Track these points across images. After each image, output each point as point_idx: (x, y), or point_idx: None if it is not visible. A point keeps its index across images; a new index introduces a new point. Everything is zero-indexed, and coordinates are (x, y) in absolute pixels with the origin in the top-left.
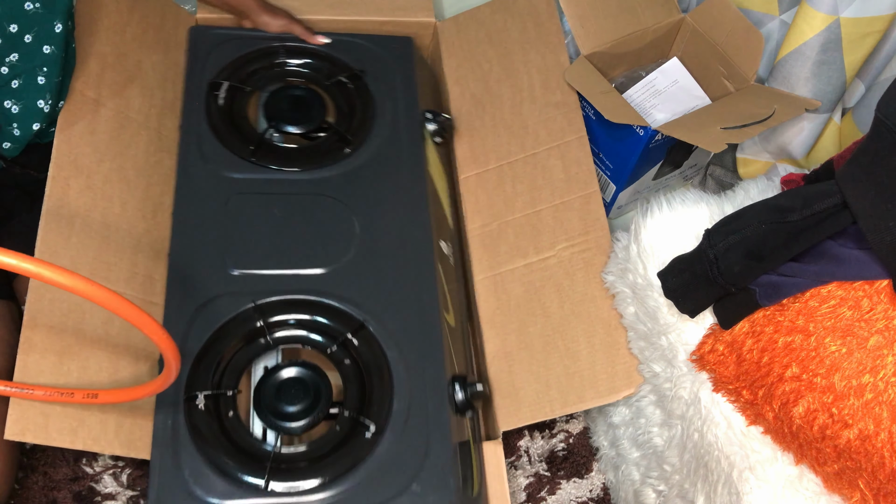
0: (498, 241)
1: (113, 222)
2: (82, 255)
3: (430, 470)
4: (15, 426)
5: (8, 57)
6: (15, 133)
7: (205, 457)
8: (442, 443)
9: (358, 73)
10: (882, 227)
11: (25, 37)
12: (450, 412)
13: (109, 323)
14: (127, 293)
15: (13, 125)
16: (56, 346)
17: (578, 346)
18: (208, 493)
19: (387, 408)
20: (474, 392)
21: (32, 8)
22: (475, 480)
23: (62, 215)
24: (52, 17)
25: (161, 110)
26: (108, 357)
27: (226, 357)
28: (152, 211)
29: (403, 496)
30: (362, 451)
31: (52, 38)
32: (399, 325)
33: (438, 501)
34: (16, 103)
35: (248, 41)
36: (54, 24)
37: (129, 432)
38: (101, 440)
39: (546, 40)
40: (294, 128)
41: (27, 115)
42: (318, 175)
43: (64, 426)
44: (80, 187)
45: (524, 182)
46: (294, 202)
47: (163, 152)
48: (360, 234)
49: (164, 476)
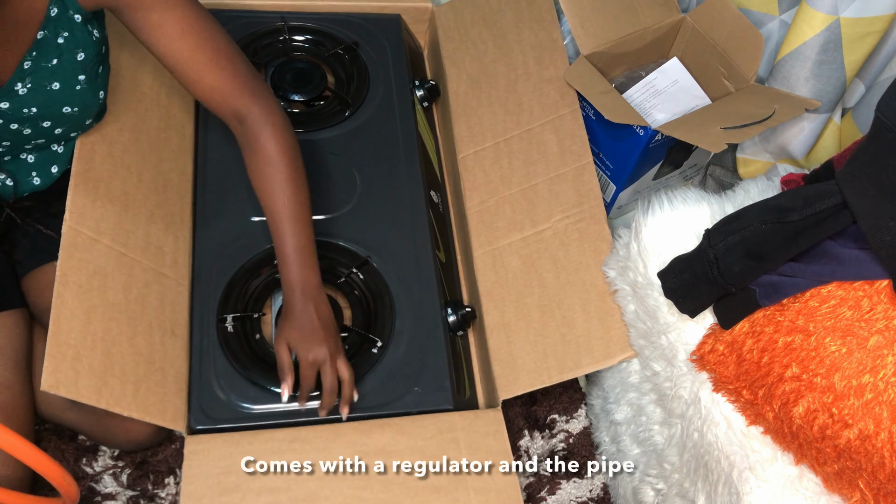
0: (496, 217)
1: (131, 191)
2: (105, 220)
3: (429, 375)
4: (50, 378)
5: (35, 141)
6: (35, 183)
7: (236, 368)
8: (438, 354)
9: (352, 45)
10: (882, 227)
11: (56, 130)
12: (444, 330)
13: (128, 289)
14: (142, 262)
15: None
16: (84, 305)
17: (574, 314)
18: (240, 399)
19: (390, 327)
20: (464, 314)
21: (69, 112)
22: (466, 385)
23: (89, 178)
24: (85, 117)
25: (170, 90)
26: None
27: (250, 288)
28: (163, 185)
29: (408, 396)
30: (371, 362)
31: (81, 129)
32: (398, 260)
33: (437, 399)
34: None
35: (254, 21)
36: (86, 121)
37: (144, 397)
38: (122, 401)
39: (539, 17)
40: (298, 96)
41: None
42: (321, 136)
43: (91, 384)
44: (104, 154)
45: (520, 158)
46: None
47: (171, 130)
48: (361, 185)
49: (202, 385)
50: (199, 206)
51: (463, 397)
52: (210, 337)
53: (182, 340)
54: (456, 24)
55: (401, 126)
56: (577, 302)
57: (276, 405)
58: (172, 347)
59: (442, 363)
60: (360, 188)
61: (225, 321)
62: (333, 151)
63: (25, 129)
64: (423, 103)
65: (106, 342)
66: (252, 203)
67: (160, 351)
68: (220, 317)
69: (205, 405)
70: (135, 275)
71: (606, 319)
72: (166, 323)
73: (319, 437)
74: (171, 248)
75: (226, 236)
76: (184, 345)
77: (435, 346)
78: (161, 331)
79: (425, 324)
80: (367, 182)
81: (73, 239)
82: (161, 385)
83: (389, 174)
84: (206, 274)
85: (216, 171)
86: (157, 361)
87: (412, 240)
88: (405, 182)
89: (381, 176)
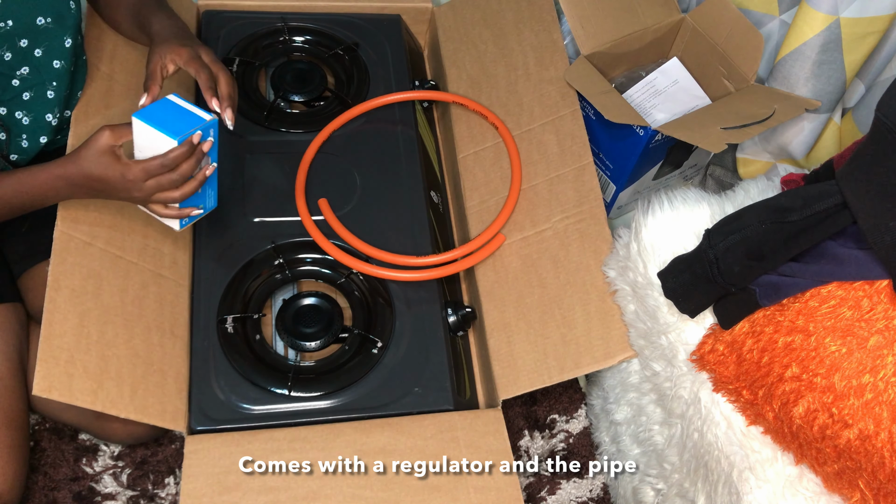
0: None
1: None
2: (100, 223)
3: (429, 376)
4: (42, 382)
5: (19, 70)
6: (23, 145)
7: (235, 369)
8: (438, 355)
9: (352, 45)
10: (882, 227)
11: (36, 51)
12: (444, 331)
13: (125, 292)
14: (139, 264)
15: (22, 136)
16: (77, 308)
17: (574, 314)
18: (240, 400)
19: (390, 328)
20: (464, 314)
21: (43, 23)
22: (466, 386)
23: None
24: (62, 32)
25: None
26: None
27: (250, 289)
28: None
29: (408, 397)
30: (371, 362)
31: (61, 52)
32: None
33: (437, 399)
34: (26, 115)
35: (255, 22)
36: (64, 39)
37: (142, 398)
38: (118, 403)
39: (539, 17)
40: (299, 96)
41: (36, 127)
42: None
43: (86, 387)
44: None
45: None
46: None
47: None
48: (361, 185)
49: (202, 386)
50: None
51: (463, 398)
52: (210, 338)
53: (182, 341)
54: (456, 24)
55: (401, 126)
56: (577, 302)
57: (276, 405)
58: (172, 348)
59: (442, 364)
60: (360, 188)
61: (225, 322)
62: (333, 151)
63: (5, 52)
64: (423, 103)
65: (101, 345)
66: (252, 203)
67: (159, 352)
68: (220, 317)
69: (205, 406)
70: (131, 277)
71: (606, 319)
72: (165, 324)
73: (319, 437)
74: (171, 248)
75: (226, 236)
76: (184, 345)
77: (435, 347)
78: (160, 332)
79: (425, 324)
80: (367, 182)
81: (66, 243)
82: (160, 386)
83: (389, 174)
84: (205, 274)
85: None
86: (155, 363)
87: (412, 240)
88: (405, 182)
89: (381, 176)
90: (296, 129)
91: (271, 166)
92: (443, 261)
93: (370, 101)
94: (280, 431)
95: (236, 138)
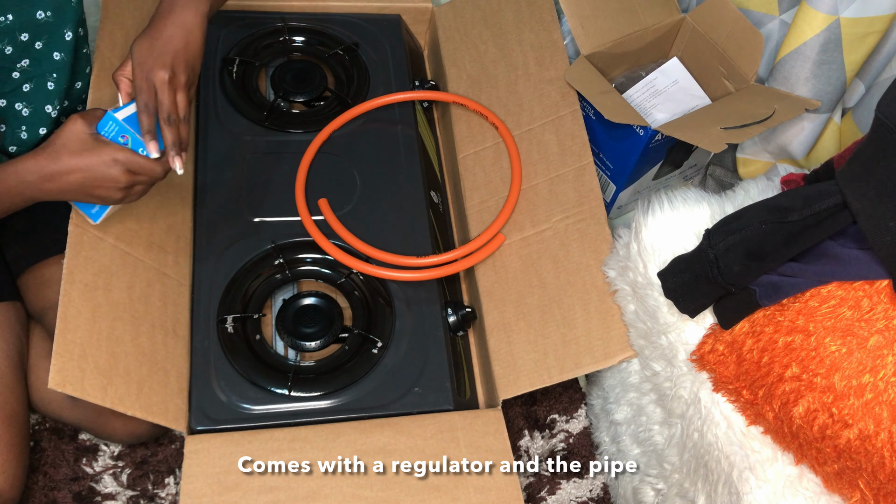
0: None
1: None
2: (110, 219)
3: (429, 376)
4: (58, 376)
5: (20, 63)
6: (22, 136)
7: (236, 369)
8: (438, 355)
9: (352, 45)
10: (882, 227)
11: (36, 44)
12: (444, 331)
13: (132, 289)
14: (145, 261)
15: (21, 128)
16: (89, 303)
17: (574, 314)
18: (240, 399)
19: (390, 328)
20: (464, 314)
21: (43, 17)
22: (466, 386)
23: None
24: (62, 25)
25: None
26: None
27: (251, 289)
28: (165, 184)
29: (408, 397)
30: (371, 362)
31: (61, 45)
32: None
33: (437, 399)
34: (26, 106)
35: (255, 22)
36: (64, 32)
37: (147, 397)
38: (126, 400)
39: (539, 17)
40: (298, 96)
41: (36, 119)
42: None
43: (96, 382)
44: None
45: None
46: None
47: None
48: (361, 186)
49: (202, 386)
50: (200, 207)
51: (463, 398)
52: (210, 338)
53: (183, 340)
54: (456, 24)
55: (401, 126)
56: (577, 302)
57: (276, 405)
58: (174, 347)
59: (442, 364)
60: (360, 188)
61: (225, 322)
62: (333, 151)
63: (6, 47)
64: (423, 103)
65: (111, 341)
66: (252, 203)
67: (162, 351)
68: (220, 317)
69: (205, 405)
70: (138, 274)
71: (606, 319)
72: (168, 323)
73: (319, 437)
74: (173, 248)
75: (226, 236)
76: (185, 345)
77: (435, 347)
78: (163, 331)
79: (425, 324)
80: (367, 182)
81: (80, 237)
82: (163, 385)
83: (389, 174)
84: (206, 274)
85: (216, 171)
86: (159, 361)
87: (412, 240)
88: (405, 182)
89: (381, 176)
90: (296, 129)
91: (271, 166)
92: (443, 261)
93: (370, 102)
94: (280, 431)
95: (236, 138)
